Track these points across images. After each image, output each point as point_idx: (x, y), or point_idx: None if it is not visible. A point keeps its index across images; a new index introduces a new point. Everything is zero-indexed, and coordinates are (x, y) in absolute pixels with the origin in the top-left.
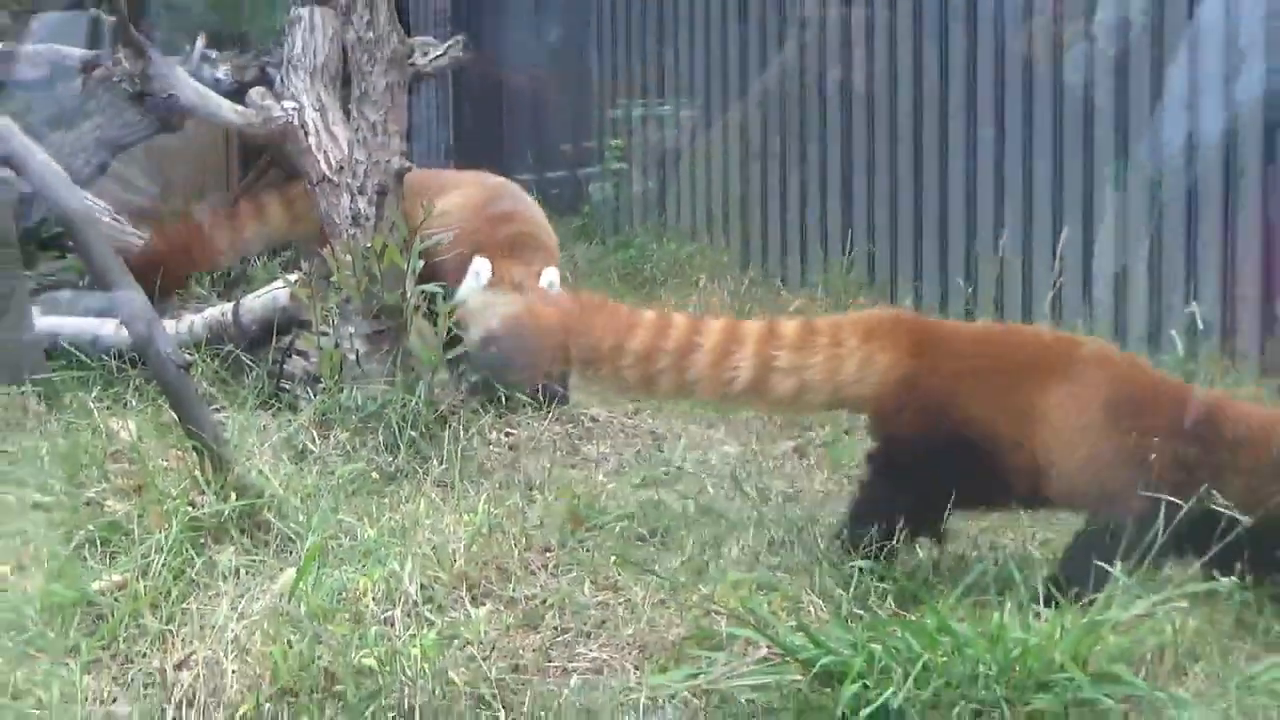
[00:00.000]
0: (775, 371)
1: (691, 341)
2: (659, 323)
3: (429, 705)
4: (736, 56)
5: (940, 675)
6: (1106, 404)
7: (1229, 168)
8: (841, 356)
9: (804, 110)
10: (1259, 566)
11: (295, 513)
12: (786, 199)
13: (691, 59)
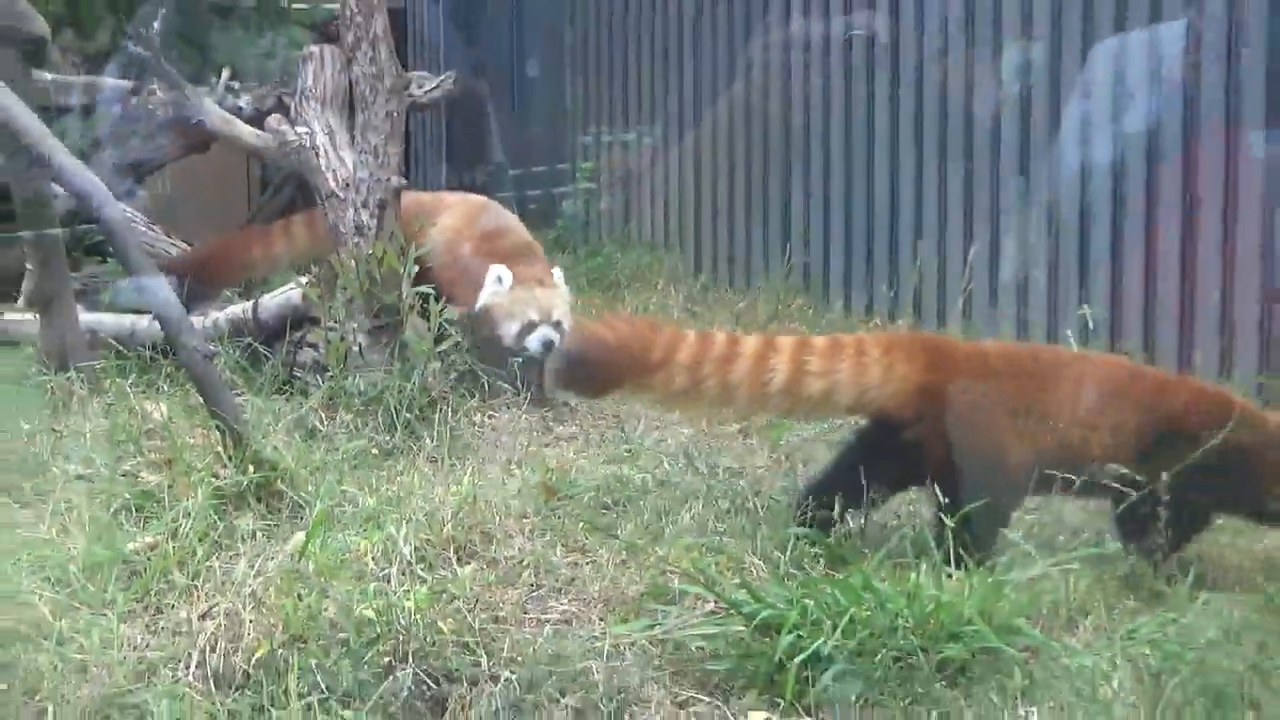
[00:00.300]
0: (807, 375)
1: (733, 351)
2: (702, 338)
3: (421, 651)
4: (691, 92)
5: (865, 627)
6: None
7: (1116, 190)
8: (866, 365)
9: (749, 138)
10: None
11: (305, 483)
12: (734, 214)
13: (652, 93)
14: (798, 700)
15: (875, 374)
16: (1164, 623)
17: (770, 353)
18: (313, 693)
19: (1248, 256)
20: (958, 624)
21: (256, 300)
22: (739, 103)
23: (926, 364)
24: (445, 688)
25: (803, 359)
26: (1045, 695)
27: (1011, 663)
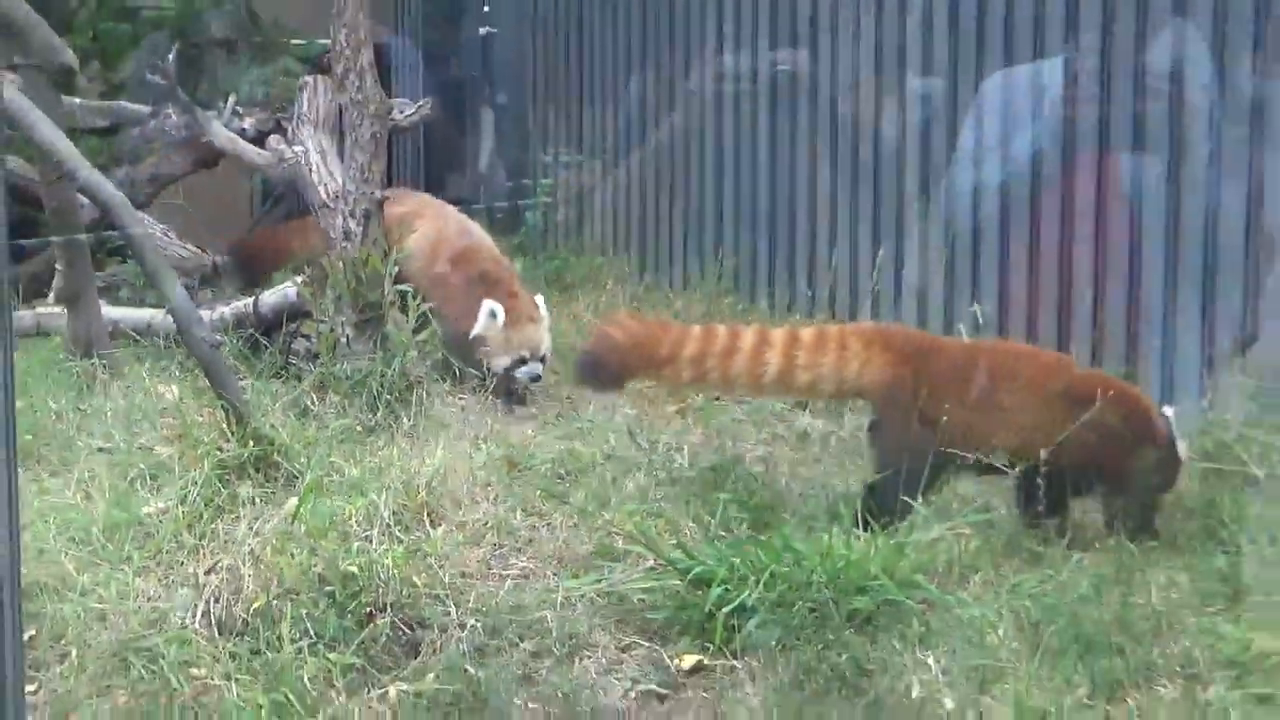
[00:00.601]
0: (796, 368)
1: (733, 345)
2: (705, 334)
3: (397, 602)
4: (637, 119)
5: (784, 581)
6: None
7: (1004, 204)
8: (847, 358)
9: (687, 158)
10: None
11: (298, 456)
12: (673, 224)
13: (602, 120)
14: (725, 645)
15: (854, 366)
16: (1042, 579)
17: (765, 347)
18: (303, 638)
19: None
20: (865, 579)
21: (257, 297)
22: (678, 127)
23: (898, 356)
24: (419, 634)
25: (793, 354)
26: (940, 642)
27: (911, 613)
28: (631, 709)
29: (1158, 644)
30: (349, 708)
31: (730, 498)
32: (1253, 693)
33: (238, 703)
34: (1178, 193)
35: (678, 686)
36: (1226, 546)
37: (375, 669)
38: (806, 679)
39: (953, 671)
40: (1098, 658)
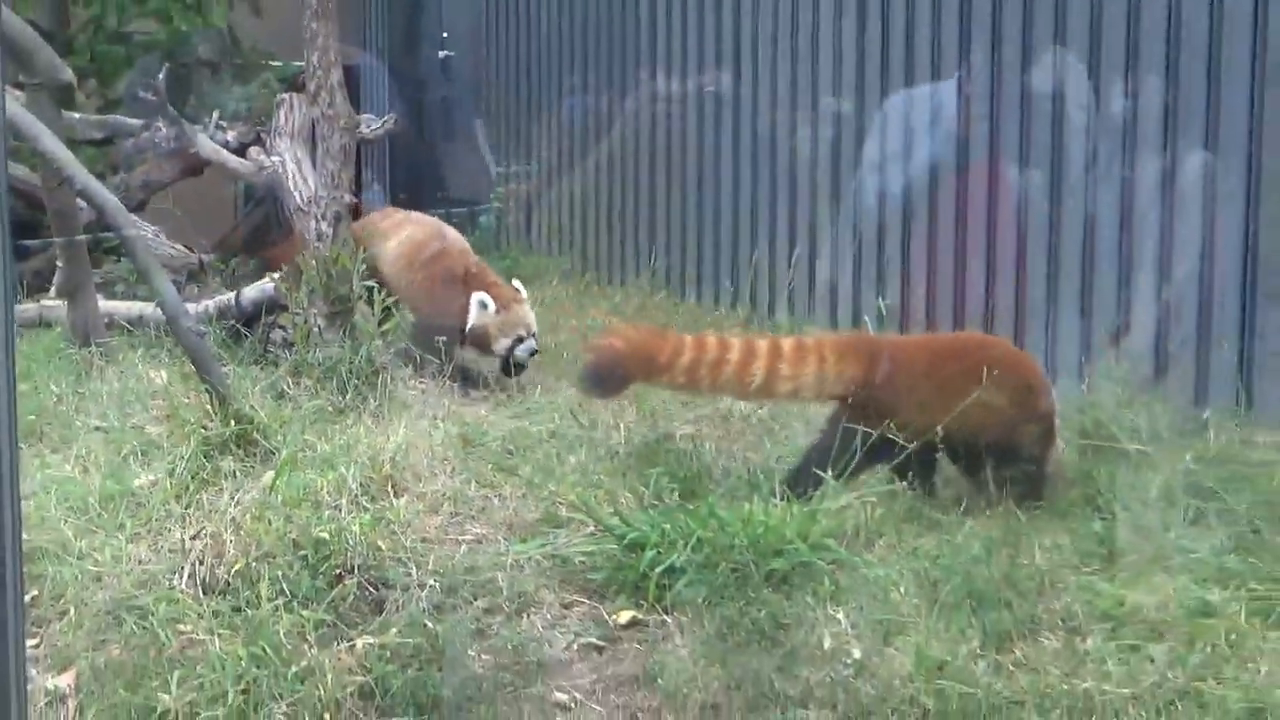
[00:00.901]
0: (780, 378)
1: (722, 358)
2: (697, 344)
3: (364, 564)
4: (580, 132)
5: (709, 545)
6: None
7: (906, 208)
8: (825, 370)
9: (623, 167)
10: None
11: (275, 434)
12: (610, 227)
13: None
14: (657, 602)
15: (831, 375)
16: (940, 543)
17: (751, 359)
18: (279, 597)
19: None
20: (781, 543)
21: (239, 291)
22: (616, 140)
23: (867, 363)
24: (383, 593)
25: (776, 365)
26: (848, 599)
27: (822, 573)
28: (573, 659)
29: (1042, 600)
30: (320, 659)
31: (662, 471)
32: (1126, 643)
33: (220, 655)
34: (1059, 199)
35: (615, 639)
36: (1103, 513)
37: (344, 624)
38: (730, 632)
39: (860, 625)
40: (988, 612)
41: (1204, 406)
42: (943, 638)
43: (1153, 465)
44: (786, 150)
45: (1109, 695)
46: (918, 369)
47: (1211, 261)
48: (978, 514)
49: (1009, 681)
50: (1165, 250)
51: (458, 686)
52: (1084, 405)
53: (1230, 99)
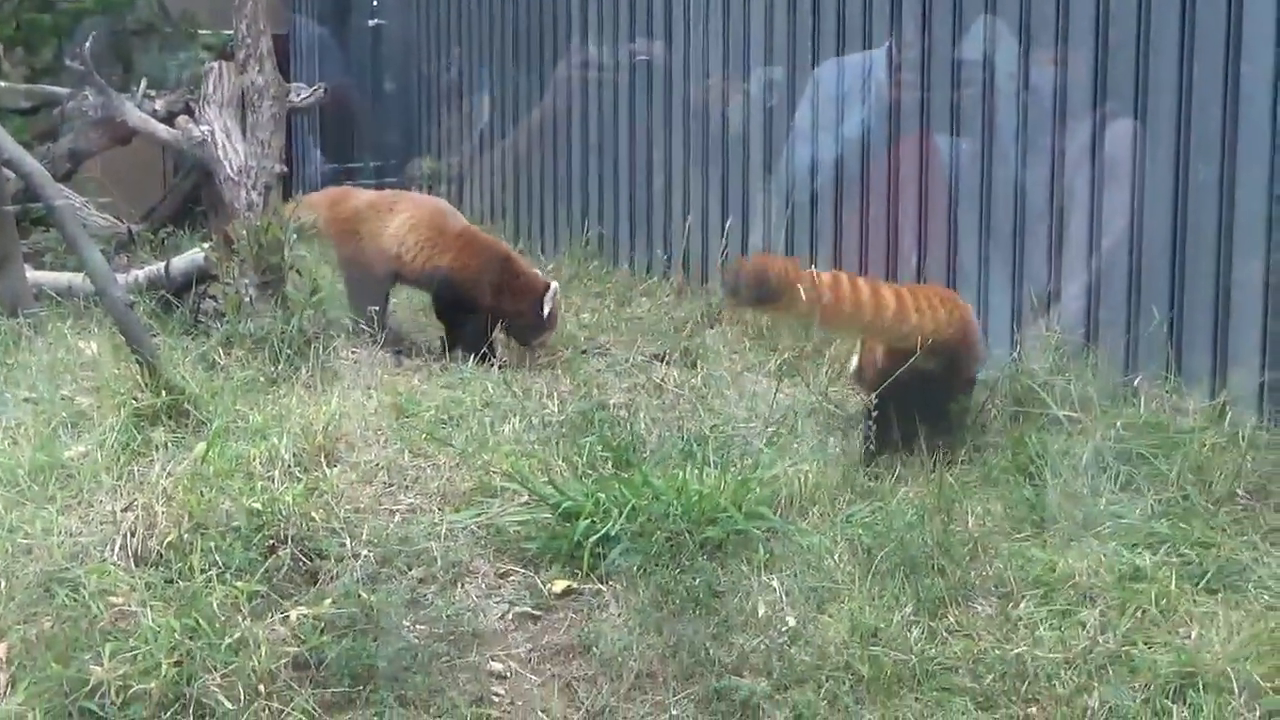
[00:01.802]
0: (907, 316)
1: (859, 298)
2: (833, 280)
3: (297, 535)
4: (511, 101)
5: (644, 514)
6: None
7: (839, 176)
8: (939, 317)
9: (556, 137)
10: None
11: (206, 405)
12: (544, 196)
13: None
14: (592, 571)
15: (943, 322)
16: (874, 509)
17: (879, 296)
18: (212, 568)
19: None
20: (715, 511)
21: (169, 261)
22: (548, 110)
23: (958, 313)
24: (317, 563)
25: (904, 305)
26: (783, 566)
27: (757, 541)
28: (509, 629)
29: (974, 566)
30: (254, 630)
31: (596, 440)
32: (1057, 609)
33: (153, 627)
34: (989, 167)
35: (550, 609)
36: (1034, 479)
37: (278, 595)
38: (664, 600)
39: (794, 592)
40: (921, 579)
41: (1134, 374)
42: (876, 604)
43: (1083, 431)
44: (718, 118)
45: (1041, 660)
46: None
47: (1141, 230)
48: (912, 480)
49: (942, 648)
50: (1096, 219)
51: (393, 657)
52: (1015, 372)
53: (1159, 68)
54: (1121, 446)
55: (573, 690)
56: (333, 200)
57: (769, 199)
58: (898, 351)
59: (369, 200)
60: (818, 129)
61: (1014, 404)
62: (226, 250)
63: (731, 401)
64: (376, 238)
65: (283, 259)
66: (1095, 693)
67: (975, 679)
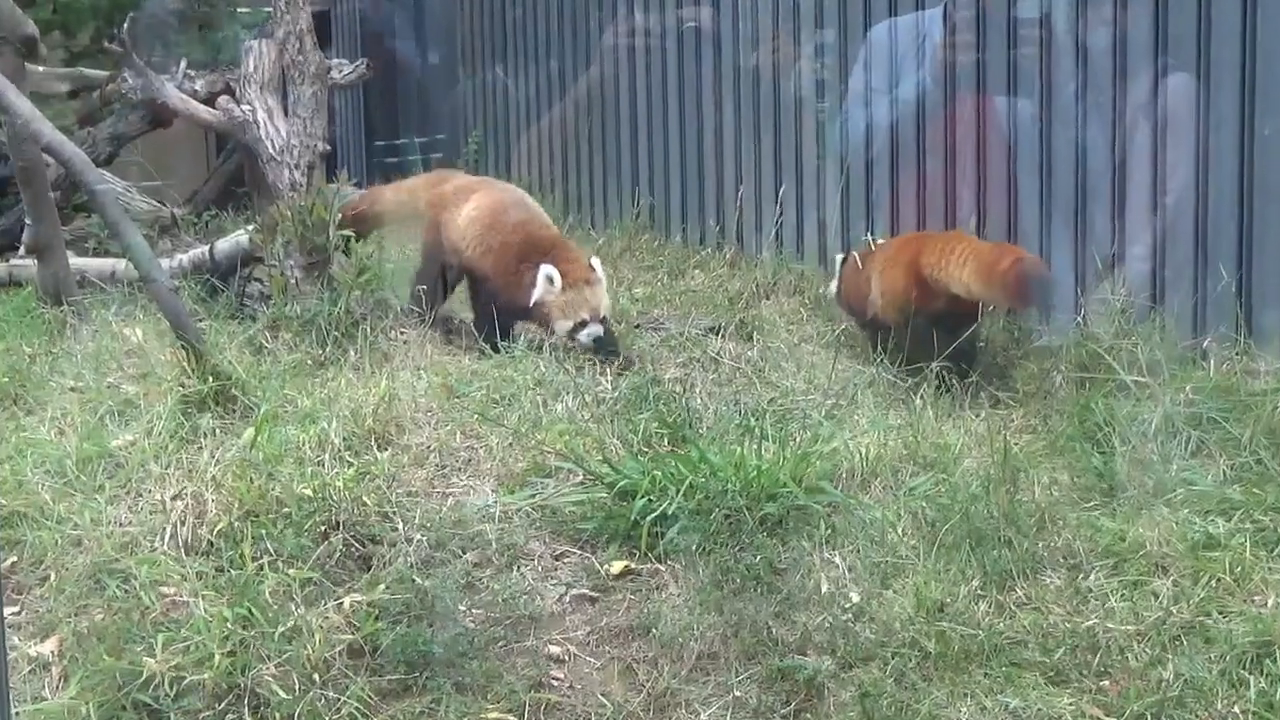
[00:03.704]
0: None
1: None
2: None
3: (349, 520)
4: (558, 71)
5: (701, 491)
6: None
7: (894, 141)
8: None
9: (604, 107)
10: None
11: (254, 390)
12: (593, 168)
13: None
14: (650, 551)
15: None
16: (936, 481)
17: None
18: (264, 556)
19: (996, 191)
20: (775, 487)
21: (213, 244)
22: (596, 79)
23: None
24: (370, 549)
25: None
26: (845, 541)
27: (818, 516)
28: (566, 611)
29: (1042, 537)
30: (308, 618)
31: (651, 416)
32: (1128, 579)
33: (205, 617)
34: (1049, 126)
35: (608, 590)
36: (1102, 447)
37: (331, 582)
38: (724, 579)
39: (857, 568)
40: (988, 551)
41: (1202, 336)
42: (942, 579)
43: (1152, 397)
44: (769, 84)
45: (1113, 632)
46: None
47: (1207, 187)
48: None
49: (1011, 621)
50: (1159, 177)
51: (449, 643)
52: (1080, 338)
53: (1221, 18)
54: (1191, 411)
55: (633, 672)
56: (432, 182)
57: (823, 166)
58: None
59: (456, 186)
60: (872, 92)
61: (1080, 370)
62: (271, 232)
63: (789, 374)
64: (449, 227)
65: (328, 239)
66: (1170, 665)
67: (1045, 653)
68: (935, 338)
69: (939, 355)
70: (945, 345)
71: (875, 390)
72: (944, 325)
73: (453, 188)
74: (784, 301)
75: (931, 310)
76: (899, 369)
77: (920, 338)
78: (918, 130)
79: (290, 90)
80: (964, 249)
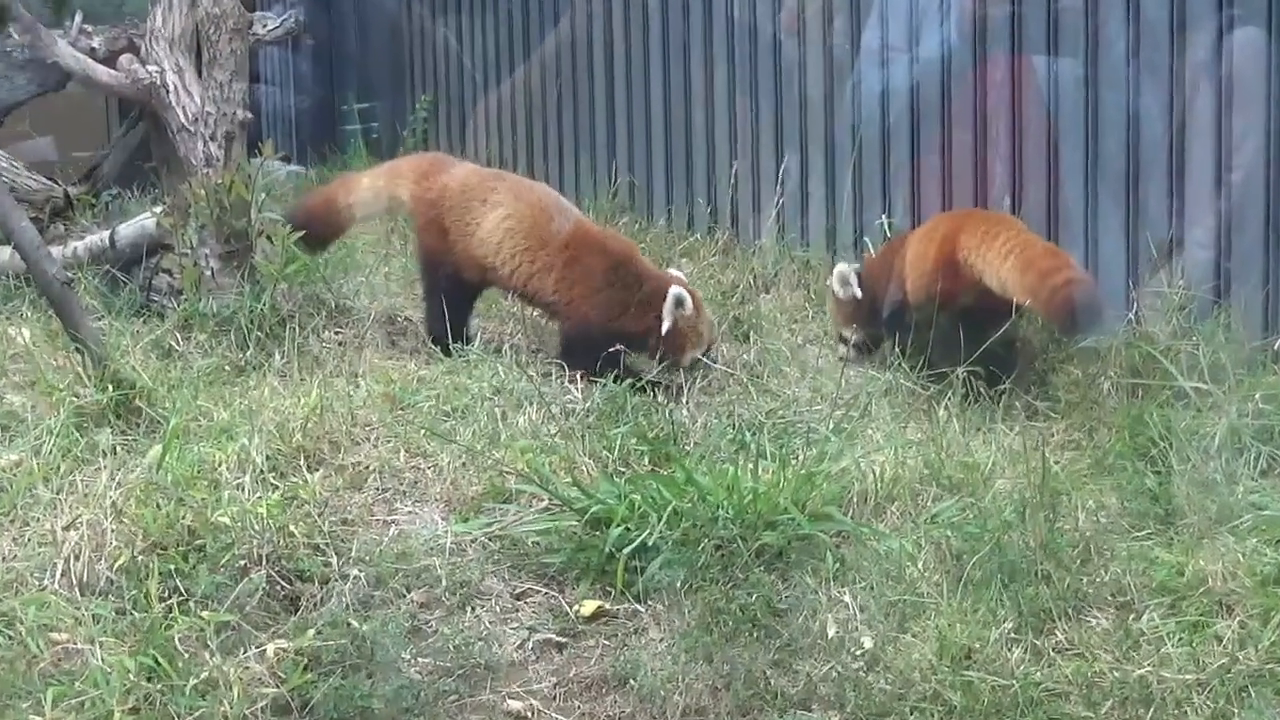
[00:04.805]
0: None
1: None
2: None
3: (274, 553)
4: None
5: (688, 518)
6: None
7: (914, 110)
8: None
9: (575, 70)
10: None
11: (162, 400)
12: (563, 140)
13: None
14: (627, 589)
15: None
16: (963, 506)
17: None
18: (172, 596)
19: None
20: (774, 513)
21: (114, 229)
22: (565, 39)
23: None
24: (298, 587)
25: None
26: (856, 577)
27: (824, 548)
28: (529, 660)
29: (1086, 572)
30: (224, 669)
31: (629, 431)
32: (1187, 620)
33: (103, 667)
34: (1095, 92)
35: (577, 634)
36: (1157, 466)
37: (251, 626)
38: (714, 622)
39: (870, 608)
40: (1023, 588)
41: (1274, 335)
42: (969, 620)
43: (1215, 407)
44: (770, 41)
45: (1169, 682)
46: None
47: (1278, 162)
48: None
49: (1050, 670)
50: (1223, 150)
51: (391, 696)
52: (1132, 338)
53: None
54: (1261, 423)
55: None
56: (423, 171)
57: (832, 136)
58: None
59: (462, 182)
60: (889, 51)
61: (1131, 375)
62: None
63: (792, 380)
64: (466, 237)
65: (249, 224)
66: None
67: (1090, 706)
68: (962, 337)
69: (967, 358)
70: (974, 346)
71: (892, 400)
72: (972, 322)
73: (458, 184)
74: (786, 296)
75: (957, 303)
76: (920, 374)
77: (945, 337)
78: (942, 95)
79: (205, 48)
80: (1010, 239)
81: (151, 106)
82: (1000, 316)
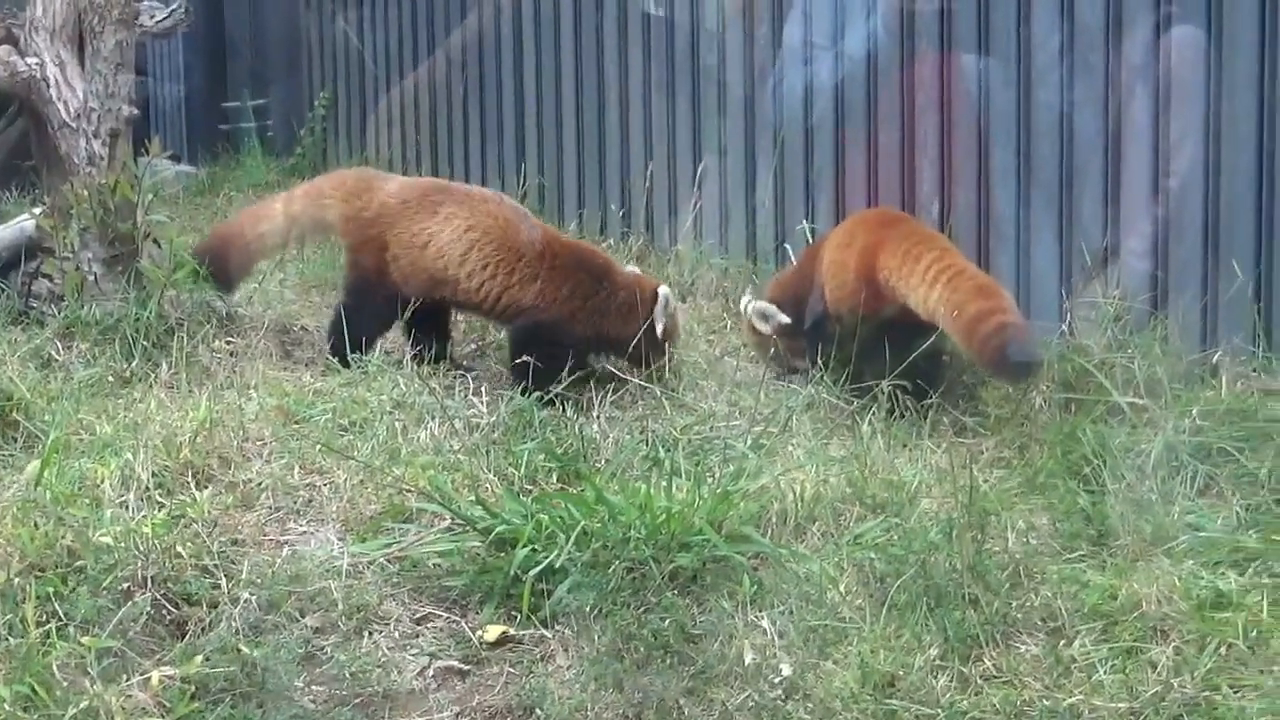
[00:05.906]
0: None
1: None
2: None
3: (159, 575)
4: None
5: (598, 539)
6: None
7: (839, 110)
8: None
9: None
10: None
11: (41, 413)
12: (469, 138)
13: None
14: (534, 613)
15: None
16: (888, 527)
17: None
18: (50, 620)
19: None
20: (689, 534)
21: None
22: (472, 33)
23: None
24: (185, 610)
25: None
26: (775, 600)
27: (741, 570)
28: (429, 688)
29: (1016, 595)
30: (106, 697)
31: (536, 447)
32: (1120, 646)
33: None
34: (1027, 91)
35: (481, 661)
36: (1090, 485)
37: (135, 652)
38: (625, 648)
39: (789, 633)
40: (950, 612)
41: (1212, 348)
42: (893, 646)
43: (1151, 422)
44: (688, 36)
45: (1100, 711)
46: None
47: (1218, 167)
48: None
49: (977, 698)
50: (1160, 154)
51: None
52: (1065, 350)
53: None
54: (1199, 440)
55: None
56: (351, 190)
57: (752, 137)
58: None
59: (400, 195)
60: (812, 48)
61: (1064, 390)
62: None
63: (708, 394)
64: (413, 250)
65: (135, 226)
66: None
67: None
68: (887, 350)
69: (892, 371)
70: (899, 359)
71: (814, 415)
72: (897, 334)
73: (396, 198)
74: (703, 305)
75: (880, 316)
76: (843, 388)
77: (869, 350)
78: (868, 94)
79: (89, 39)
80: (935, 263)
81: (31, 101)
82: (927, 329)
